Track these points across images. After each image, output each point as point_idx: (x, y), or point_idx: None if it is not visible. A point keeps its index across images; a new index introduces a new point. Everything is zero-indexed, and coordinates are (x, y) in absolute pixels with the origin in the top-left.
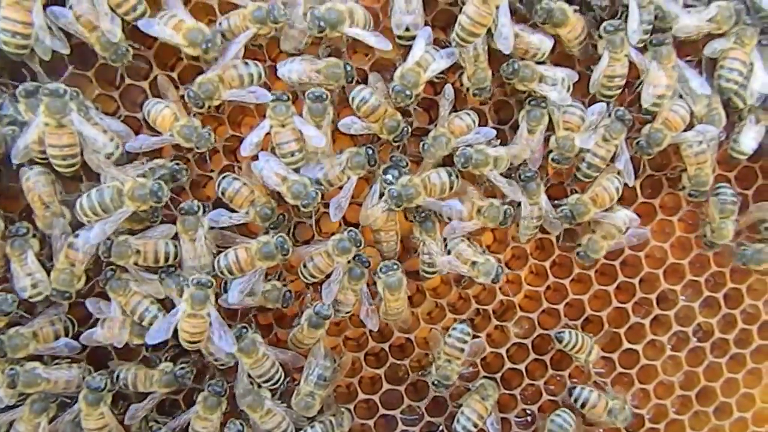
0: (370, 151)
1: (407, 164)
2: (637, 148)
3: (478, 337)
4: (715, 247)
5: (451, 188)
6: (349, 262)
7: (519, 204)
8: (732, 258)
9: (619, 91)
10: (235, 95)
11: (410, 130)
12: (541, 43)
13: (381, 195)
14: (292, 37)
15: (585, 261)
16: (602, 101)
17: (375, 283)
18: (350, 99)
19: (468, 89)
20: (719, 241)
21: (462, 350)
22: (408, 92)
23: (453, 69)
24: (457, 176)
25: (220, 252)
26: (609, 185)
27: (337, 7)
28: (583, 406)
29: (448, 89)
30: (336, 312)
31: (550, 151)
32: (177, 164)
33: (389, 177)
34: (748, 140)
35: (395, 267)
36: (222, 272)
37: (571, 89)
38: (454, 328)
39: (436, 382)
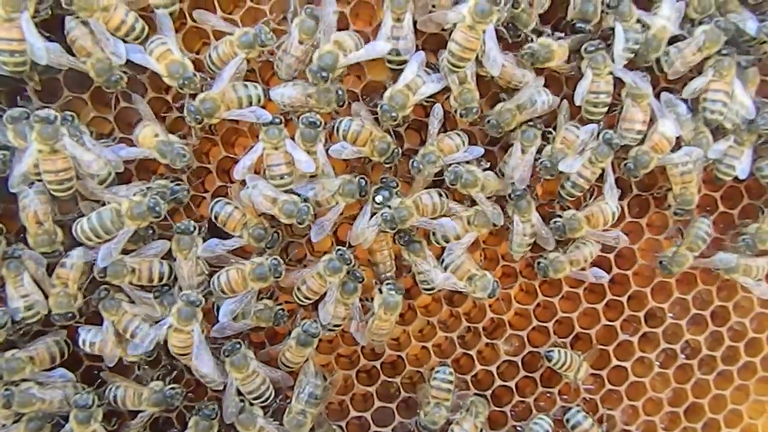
0: (363, 182)
1: (398, 185)
2: (624, 170)
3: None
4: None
5: (441, 208)
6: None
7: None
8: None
9: (605, 108)
10: (236, 114)
11: (401, 151)
12: (524, 77)
13: (372, 215)
14: (287, 66)
15: (540, 273)
16: (590, 120)
17: (368, 299)
18: (335, 131)
19: (456, 111)
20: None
21: (449, 391)
22: (394, 114)
23: (443, 91)
24: (447, 196)
25: (213, 271)
26: (606, 208)
27: (327, 49)
28: (573, 428)
29: (437, 108)
30: (329, 327)
31: (541, 161)
32: (178, 184)
33: (380, 198)
34: (745, 166)
35: (399, 290)
36: (214, 292)
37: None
38: (437, 371)
39: (423, 426)
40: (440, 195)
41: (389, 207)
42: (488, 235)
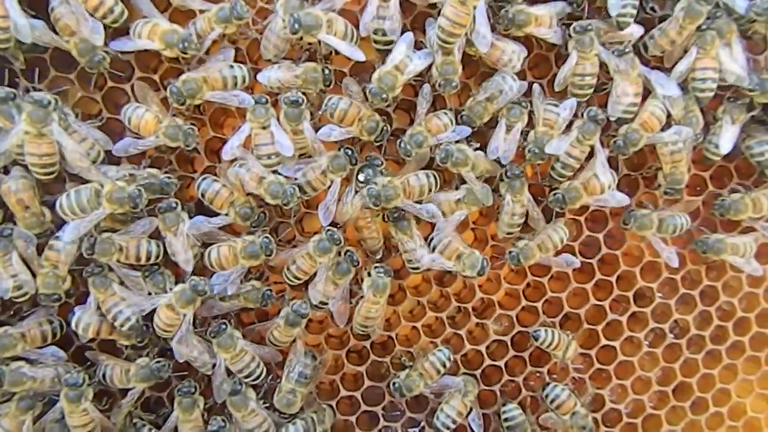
0: (350, 152)
1: (382, 163)
2: (614, 148)
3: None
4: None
5: (430, 190)
6: (339, 255)
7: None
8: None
9: (591, 90)
10: (218, 96)
11: (390, 129)
12: (513, 53)
13: (356, 192)
14: (274, 46)
15: (512, 263)
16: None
17: (359, 282)
18: (323, 108)
19: (436, 82)
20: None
21: (438, 372)
22: (384, 95)
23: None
24: (436, 178)
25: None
26: (601, 175)
27: (315, 12)
28: (552, 402)
29: (426, 88)
30: (321, 305)
31: (526, 145)
32: (168, 177)
33: (362, 176)
34: (725, 141)
35: (388, 273)
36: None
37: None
38: (439, 350)
39: (396, 386)
40: (428, 176)
41: (376, 184)
42: (478, 216)
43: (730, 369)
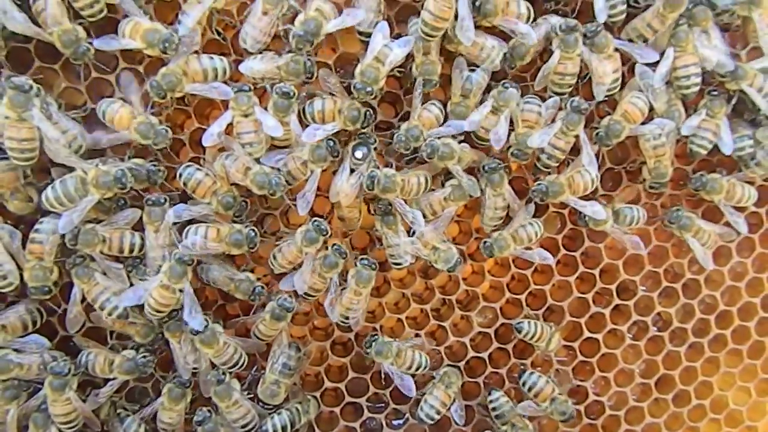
0: (332, 143)
1: (375, 140)
2: (596, 139)
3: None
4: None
5: (425, 189)
6: (325, 248)
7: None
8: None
9: (570, 89)
10: (198, 89)
11: (374, 114)
12: (492, 49)
13: (351, 171)
14: (252, 38)
15: (485, 253)
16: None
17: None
18: (305, 117)
19: (416, 79)
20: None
21: (408, 369)
22: (369, 89)
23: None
24: (431, 179)
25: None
26: (585, 174)
27: (310, 15)
28: (530, 390)
29: (420, 82)
30: (306, 296)
31: (509, 147)
32: (154, 165)
33: (360, 153)
34: (727, 138)
35: (373, 266)
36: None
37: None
38: (426, 359)
39: (371, 341)
40: (425, 178)
41: (379, 170)
42: (462, 209)
43: (712, 362)
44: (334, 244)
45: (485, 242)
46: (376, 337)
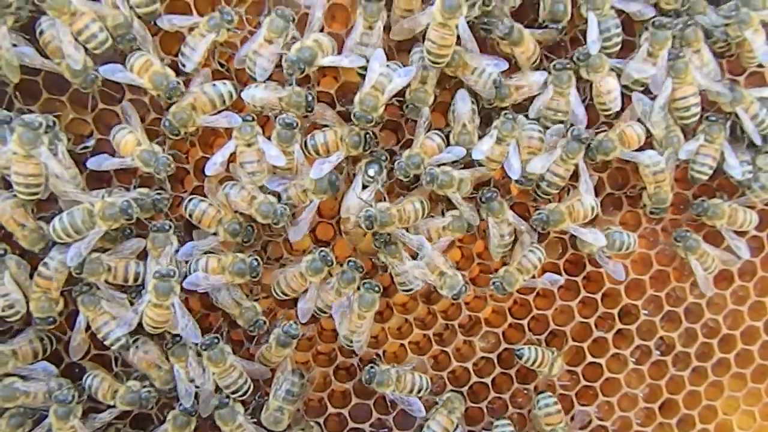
0: (334, 178)
1: (387, 158)
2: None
3: None
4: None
5: (423, 214)
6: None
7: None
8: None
9: (561, 124)
10: (209, 121)
11: (375, 136)
12: (490, 75)
13: (364, 187)
14: (260, 67)
15: (498, 292)
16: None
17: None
18: (307, 151)
19: (404, 103)
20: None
21: (410, 392)
22: (369, 117)
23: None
24: (427, 204)
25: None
26: (585, 201)
27: (306, 44)
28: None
29: (426, 112)
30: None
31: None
32: (159, 193)
33: (372, 171)
34: (734, 162)
35: (376, 289)
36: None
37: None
38: (427, 380)
39: (370, 374)
40: (421, 203)
41: (372, 207)
42: (465, 234)
43: (716, 386)
44: (349, 261)
45: (494, 282)
46: (373, 369)
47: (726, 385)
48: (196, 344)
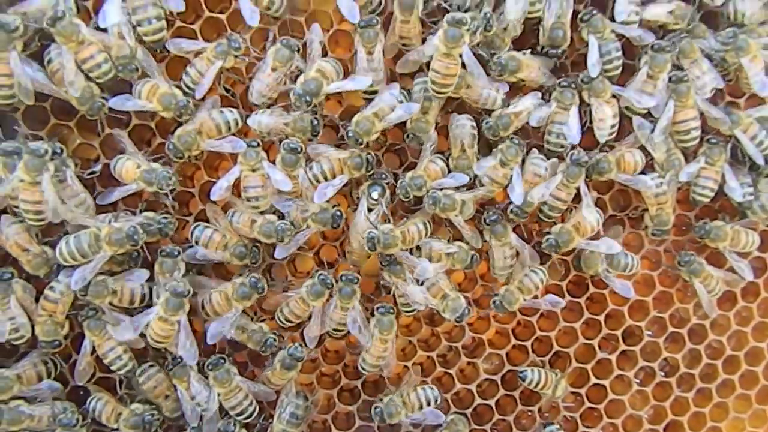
0: (338, 214)
1: (387, 178)
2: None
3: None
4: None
5: (426, 235)
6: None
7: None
8: None
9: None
10: (213, 145)
11: (376, 157)
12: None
13: (369, 210)
14: (257, 92)
15: (498, 311)
16: (551, 152)
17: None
18: (309, 178)
19: (405, 132)
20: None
21: (421, 408)
22: (360, 140)
23: None
24: (430, 223)
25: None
26: (588, 216)
27: (310, 76)
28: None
29: (433, 137)
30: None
31: (510, 204)
32: (165, 218)
33: (376, 194)
34: (735, 185)
35: (391, 311)
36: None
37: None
38: (431, 388)
39: (377, 410)
40: (425, 224)
41: (376, 229)
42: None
43: (721, 407)
44: (342, 275)
45: (494, 301)
46: (378, 408)
47: (731, 406)
48: (198, 365)
